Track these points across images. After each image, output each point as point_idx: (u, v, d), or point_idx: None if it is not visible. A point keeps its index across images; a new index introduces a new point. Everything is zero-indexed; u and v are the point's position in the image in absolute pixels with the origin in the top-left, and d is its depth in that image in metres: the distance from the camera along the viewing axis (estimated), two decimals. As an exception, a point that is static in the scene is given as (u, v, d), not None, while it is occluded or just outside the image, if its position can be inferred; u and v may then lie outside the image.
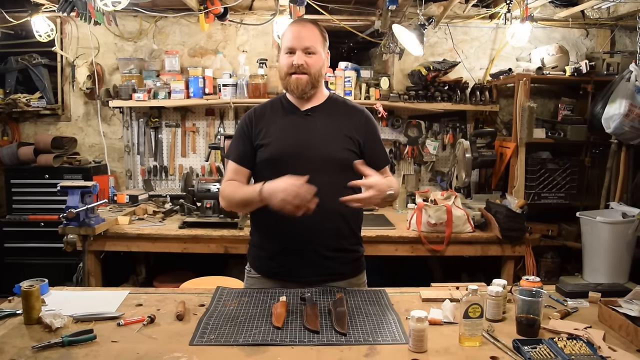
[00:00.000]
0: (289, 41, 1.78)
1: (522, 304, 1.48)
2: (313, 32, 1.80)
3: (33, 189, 3.78)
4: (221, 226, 3.11)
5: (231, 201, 1.81)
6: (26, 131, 4.21)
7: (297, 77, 1.77)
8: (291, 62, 1.76)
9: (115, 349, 1.36)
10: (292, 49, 1.77)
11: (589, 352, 1.32)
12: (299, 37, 1.77)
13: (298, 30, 1.80)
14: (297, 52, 1.76)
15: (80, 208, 2.82)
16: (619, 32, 4.08)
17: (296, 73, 1.76)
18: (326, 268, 1.82)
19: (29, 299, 1.50)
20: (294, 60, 1.75)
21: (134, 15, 3.99)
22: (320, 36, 1.82)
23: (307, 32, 1.79)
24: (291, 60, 1.76)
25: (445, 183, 4.11)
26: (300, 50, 1.76)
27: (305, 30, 1.80)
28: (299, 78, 1.77)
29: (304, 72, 1.76)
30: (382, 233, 3.11)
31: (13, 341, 1.39)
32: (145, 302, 1.70)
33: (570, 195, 3.77)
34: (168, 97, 3.85)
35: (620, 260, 3.27)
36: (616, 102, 3.32)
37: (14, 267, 3.77)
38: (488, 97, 3.92)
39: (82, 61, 4.06)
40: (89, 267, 3.06)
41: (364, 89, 3.93)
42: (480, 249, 3.14)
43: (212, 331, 1.45)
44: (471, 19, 4.04)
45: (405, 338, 1.41)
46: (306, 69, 1.76)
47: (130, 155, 4.14)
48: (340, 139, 1.82)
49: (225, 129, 4.10)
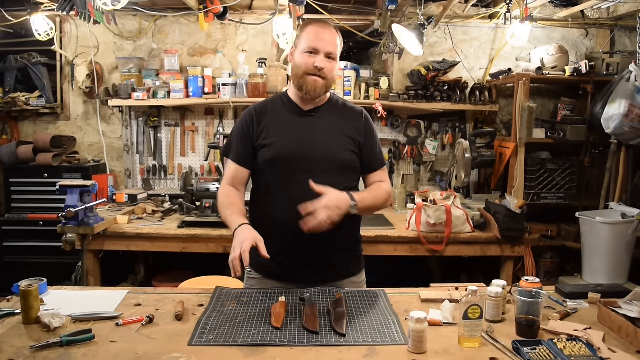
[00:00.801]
0: (312, 41, 1.75)
1: (522, 304, 1.47)
2: (335, 37, 1.79)
3: (32, 187, 3.78)
4: (220, 226, 3.11)
5: (220, 212, 1.84)
6: (25, 130, 4.21)
7: (315, 79, 1.75)
8: (312, 63, 1.74)
9: (113, 349, 1.35)
10: (316, 50, 1.75)
11: (589, 354, 1.32)
12: (323, 40, 1.75)
13: (322, 32, 1.77)
14: (320, 55, 1.74)
15: (79, 207, 2.81)
16: (619, 32, 4.08)
17: (315, 75, 1.75)
18: (326, 268, 1.83)
19: (27, 298, 1.50)
20: (317, 62, 1.73)
21: (134, 15, 3.99)
22: (340, 43, 1.82)
23: (330, 35, 1.78)
24: (313, 61, 1.74)
25: (445, 183, 4.11)
26: (324, 53, 1.75)
27: (329, 33, 1.78)
28: (317, 81, 1.75)
29: (322, 76, 1.75)
30: (381, 233, 3.10)
31: (11, 341, 1.39)
32: (144, 302, 1.70)
33: (569, 196, 3.77)
34: (167, 97, 3.85)
35: (620, 261, 3.27)
36: (616, 102, 3.32)
37: (13, 266, 3.77)
38: (487, 97, 3.92)
39: (82, 60, 4.05)
40: (87, 267, 3.05)
41: (364, 88, 3.93)
42: (479, 249, 3.14)
43: (211, 331, 1.45)
44: (471, 18, 4.04)
45: (404, 339, 1.41)
46: (325, 73, 1.75)
47: (129, 154, 4.13)
48: (342, 140, 1.82)
49: (224, 129, 4.10)
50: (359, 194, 1.74)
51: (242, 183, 1.87)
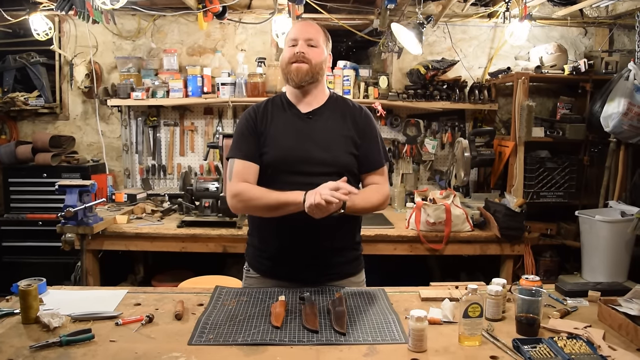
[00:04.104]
0: (292, 34, 1.82)
1: (522, 303, 1.47)
2: (316, 28, 1.84)
3: (31, 187, 3.77)
4: (220, 225, 3.11)
5: (258, 202, 1.70)
6: (24, 130, 4.20)
7: (298, 65, 1.77)
8: (293, 51, 1.78)
9: (113, 349, 1.35)
10: (295, 40, 1.79)
11: (589, 352, 1.32)
12: (302, 30, 1.81)
13: (302, 25, 1.85)
14: (299, 42, 1.78)
15: (78, 207, 2.81)
16: (618, 31, 4.08)
17: (297, 62, 1.77)
18: (325, 267, 1.82)
19: (26, 298, 1.49)
20: (296, 49, 1.77)
21: (133, 14, 3.99)
22: (323, 34, 1.86)
23: (310, 27, 1.84)
24: (293, 50, 1.78)
25: (444, 182, 4.11)
26: (303, 40, 1.78)
27: (309, 25, 1.85)
28: (299, 66, 1.77)
29: (304, 61, 1.77)
30: (380, 232, 3.10)
31: (11, 341, 1.38)
32: (143, 302, 1.70)
33: (569, 194, 3.77)
34: (166, 96, 3.85)
35: (619, 259, 3.27)
36: (615, 100, 3.32)
37: (12, 266, 3.76)
38: (487, 95, 3.92)
39: (81, 60, 4.05)
40: (87, 266, 3.05)
41: (363, 87, 3.93)
42: (479, 248, 3.14)
43: (211, 331, 1.45)
44: (470, 17, 4.04)
45: (404, 337, 1.41)
46: (307, 58, 1.77)
47: (128, 154, 4.13)
48: (342, 142, 1.81)
49: (223, 128, 4.09)
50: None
51: (253, 179, 1.78)
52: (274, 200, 1.67)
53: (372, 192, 1.83)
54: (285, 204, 1.65)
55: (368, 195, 1.81)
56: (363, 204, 1.75)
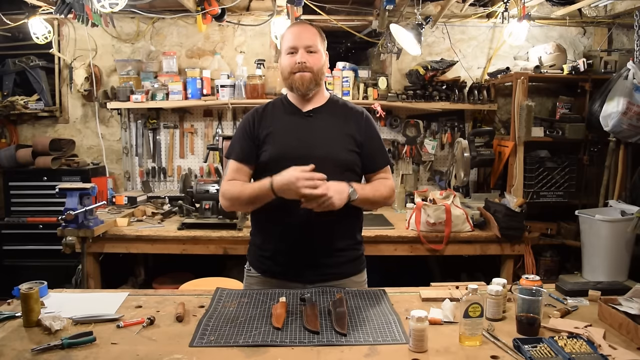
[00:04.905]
0: (290, 41, 1.81)
1: (522, 302, 1.47)
2: (312, 31, 1.84)
3: (31, 191, 3.78)
4: (220, 227, 3.11)
5: (237, 199, 1.78)
6: (24, 133, 4.21)
7: (301, 74, 1.78)
8: (294, 61, 1.78)
9: (114, 351, 1.35)
10: (294, 48, 1.79)
11: (590, 351, 1.32)
12: (300, 37, 1.80)
13: (298, 31, 1.83)
14: (299, 51, 1.78)
15: (78, 210, 2.81)
16: (616, 30, 4.09)
17: (300, 71, 1.78)
18: (327, 267, 1.82)
19: (28, 301, 1.49)
20: (297, 58, 1.78)
21: (132, 17, 3.99)
22: (319, 36, 1.86)
23: (306, 31, 1.83)
24: (294, 60, 1.78)
25: (444, 182, 4.11)
26: (302, 48, 1.78)
27: (305, 30, 1.83)
28: (303, 75, 1.78)
29: (307, 69, 1.78)
30: (381, 233, 3.11)
31: (12, 344, 1.39)
32: (144, 304, 1.70)
33: (569, 194, 3.77)
34: (166, 99, 3.85)
35: (620, 258, 3.27)
36: (614, 100, 3.32)
37: (13, 269, 3.76)
38: (486, 96, 3.93)
39: (80, 63, 4.05)
40: (87, 269, 3.05)
41: (362, 88, 3.93)
42: (479, 248, 3.14)
43: (212, 332, 1.45)
44: (468, 18, 4.05)
45: (405, 338, 1.41)
46: (309, 66, 1.78)
47: (128, 156, 4.13)
48: (342, 140, 1.83)
49: (223, 130, 4.10)
50: (358, 184, 1.77)
51: (245, 180, 1.84)
52: (248, 195, 1.74)
53: (380, 184, 1.87)
54: (258, 193, 1.70)
55: (377, 187, 1.85)
56: (373, 193, 1.80)
